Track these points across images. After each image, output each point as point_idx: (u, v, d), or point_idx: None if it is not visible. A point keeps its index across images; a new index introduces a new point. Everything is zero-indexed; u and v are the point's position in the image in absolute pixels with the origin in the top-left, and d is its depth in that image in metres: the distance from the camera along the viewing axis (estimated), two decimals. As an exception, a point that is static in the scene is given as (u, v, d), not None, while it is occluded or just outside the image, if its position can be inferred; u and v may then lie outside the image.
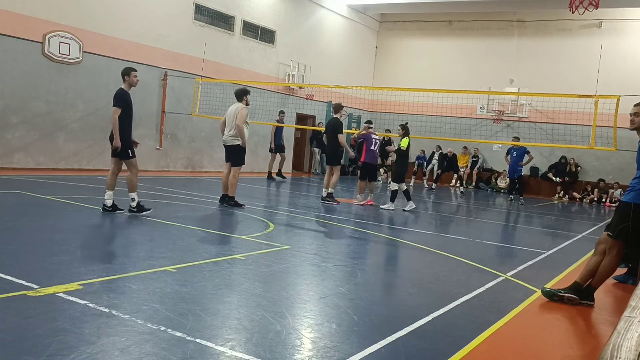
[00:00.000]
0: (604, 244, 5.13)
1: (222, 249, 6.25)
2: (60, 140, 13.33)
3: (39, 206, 8.02)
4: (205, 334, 3.46)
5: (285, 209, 10.49)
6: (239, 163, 9.50)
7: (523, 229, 11.78)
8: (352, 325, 3.94)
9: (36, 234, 6.08)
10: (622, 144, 12.63)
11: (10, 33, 12.19)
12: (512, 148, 16.89)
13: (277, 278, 5.12)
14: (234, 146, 9.50)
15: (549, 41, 21.96)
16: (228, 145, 9.63)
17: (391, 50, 25.48)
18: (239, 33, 18.20)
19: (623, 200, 4.99)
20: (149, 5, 15.15)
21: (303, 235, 7.75)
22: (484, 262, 6.82)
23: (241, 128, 9.31)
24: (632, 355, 1.65)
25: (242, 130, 9.33)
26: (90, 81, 13.89)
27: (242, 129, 9.31)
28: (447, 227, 10.44)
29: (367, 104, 24.36)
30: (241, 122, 9.30)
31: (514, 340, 4.13)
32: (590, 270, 5.12)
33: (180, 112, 16.16)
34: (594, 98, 11.98)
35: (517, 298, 5.18)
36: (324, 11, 22.07)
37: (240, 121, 9.30)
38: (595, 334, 4.66)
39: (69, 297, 3.90)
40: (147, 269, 4.90)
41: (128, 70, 7.84)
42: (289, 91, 20.49)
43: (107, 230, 6.87)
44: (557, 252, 8.29)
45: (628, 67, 19.86)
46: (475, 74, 22.26)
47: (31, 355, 2.91)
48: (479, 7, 22.18)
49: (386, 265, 6.57)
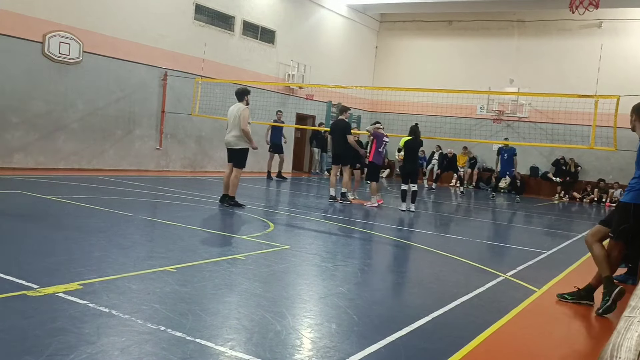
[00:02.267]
0: (596, 235, 5.14)
1: (222, 249, 6.25)
2: (60, 140, 13.33)
3: (39, 206, 8.02)
4: (205, 334, 3.46)
5: (285, 209, 10.48)
6: (242, 165, 9.48)
7: (523, 229, 11.78)
8: (352, 325, 3.94)
9: (36, 234, 6.08)
10: (622, 144, 12.62)
11: (10, 33, 12.18)
12: (502, 149, 16.80)
13: (277, 278, 5.12)
14: (239, 149, 9.45)
15: (549, 41, 21.96)
16: (232, 149, 9.55)
17: (391, 50, 25.49)
18: (239, 33, 18.20)
19: (622, 201, 4.93)
20: (149, 5, 15.15)
21: (303, 235, 7.75)
22: (484, 262, 6.82)
23: (247, 132, 9.25)
24: (632, 355, 1.65)
25: (249, 134, 9.29)
26: (90, 81, 13.89)
27: (248, 132, 9.27)
28: (447, 227, 10.43)
29: (367, 104, 24.36)
30: (246, 126, 9.22)
31: (514, 340, 4.12)
32: (607, 263, 5.03)
33: (180, 112, 16.16)
34: (594, 98, 11.97)
35: (517, 298, 5.18)
36: (324, 11, 22.07)
37: (245, 125, 9.22)
38: (595, 334, 4.66)
39: (69, 297, 3.90)
40: (147, 269, 4.90)
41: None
42: (289, 91, 20.49)
43: (107, 230, 6.86)
44: (557, 252, 8.29)
45: (628, 67, 19.86)
46: (475, 74, 22.26)
47: (31, 355, 2.91)
48: (479, 7, 22.18)
49: (386, 265, 6.57)
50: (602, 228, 5.22)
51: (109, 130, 14.58)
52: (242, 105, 9.43)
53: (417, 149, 11.65)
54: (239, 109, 9.40)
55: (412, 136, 11.36)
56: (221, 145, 18.93)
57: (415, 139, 11.36)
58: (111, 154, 14.70)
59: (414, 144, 11.38)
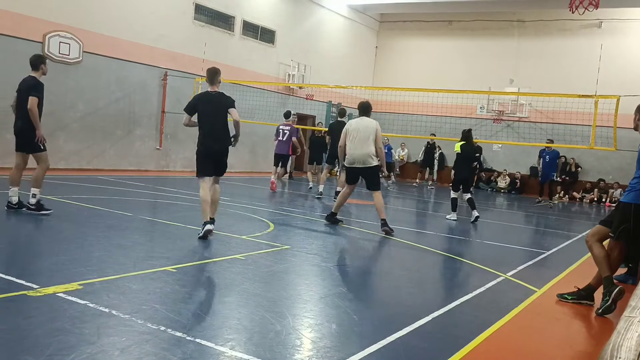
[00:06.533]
0: (596, 235, 5.14)
1: (222, 249, 6.25)
2: (60, 140, 13.32)
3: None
4: (205, 334, 3.46)
5: (285, 209, 10.48)
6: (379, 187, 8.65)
7: (523, 229, 11.78)
8: (352, 325, 3.94)
9: (36, 234, 6.08)
10: (622, 144, 12.63)
11: (10, 33, 12.18)
12: (544, 151, 15.81)
13: (277, 278, 5.12)
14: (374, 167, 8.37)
15: (549, 41, 21.96)
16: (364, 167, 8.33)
17: (391, 50, 25.48)
18: (239, 33, 18.20)
19: (623, 201, 4.91)
20: (149, 5, 15.15)
21: (303, 235, 7.75)
22: (484, 262, 6.82)
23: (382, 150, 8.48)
24: (632, 355, 1.65)
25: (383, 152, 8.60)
26: (90, 81, 13.88)
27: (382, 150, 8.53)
28: (447, 227, 10.42)
29: (367, 104, 24.32)
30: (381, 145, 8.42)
31: (514, 340, 4.12)
32: (607, 263, 5.03)
33: (180, 112, 16.03)
34: (594, 98, 11.99)
35: (517, 298, 5.18)
36: (324, 11, 22.07)
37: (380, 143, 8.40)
38: (595, 334, 4.66)
39: (69, 297, 3.89)
40: (147, 269, 4.90)
41: (43, 59, 7.50)
42: (289, 91, 20.49)
43: (107, 230, 6.86)
44: (557, 252, 8.29)
45: (628, 67, 19.86)
46: (475, 74, 22.26)
47: (31, 355, 2.91)
48: (479, 7, 22.18)
49: (386, 265, 6.57)
50: (602, 228, 5.22)
51: (109, 130, 14.58)
52: (374, 121, 8.39)
53: (472, 155, 11.04)
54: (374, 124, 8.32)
55: (465, 141, 10.84)
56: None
57: (468, 144, 10.82)
58: (111, 154, 14.70)
59: (467, 150, 10.81)
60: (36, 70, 7.35)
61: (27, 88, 7.16)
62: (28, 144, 7.29)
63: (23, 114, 7.24)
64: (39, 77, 7.33)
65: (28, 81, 7.28)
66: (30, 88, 7.12)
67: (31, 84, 7.17)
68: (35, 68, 7.35)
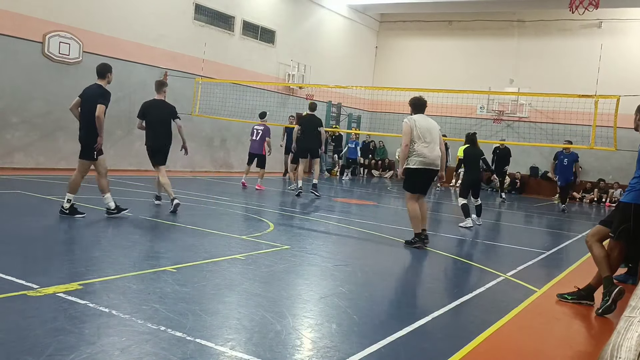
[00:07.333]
0: (596, 235, 5.14)
1: (222, 249, 6.25)
2: (60, 140, 13.32)
3: (39, 206, 8.02)
4: (205, 334, 3.46)
5: (285, 209, 10.48)
6: None
7: (523, 229, 11.78)
8: (352, 325, 3.94)
9: (36, 234, 6.08)
10: (622, 144, 12.62)
11: (10, 33, 12.18)
12: (561, 153, 14.97)
13: (277, 278, 5.12)
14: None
15: (549, 41, 21.97)
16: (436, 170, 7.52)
17: (391, 50, 25.49)
18: (239, 33, 18.20)
19: (623, 201, 4.91)
20: (149, 5, 15.15)
21: (303, 235, 7.75)
22: (484, 262, 6.82)
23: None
24: (632, 355, 1.65)
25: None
26: (90, 81, 13.66)
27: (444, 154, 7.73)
28: (447, 227, 10.42)
29: (367, 104, 24.35)
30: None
31: (514, 340, 4.12)
32: (607, 263, 5.02)
33: (180, 112, 16.05)
34: (594, 98, 11.98)
35: (517, 298, 5.18)
36: (324, 11, 22.07)
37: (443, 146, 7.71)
38: (595, 334, 4.66)
39: (69, 297, 3.89)
40: (147, 269, 4.90)
41: (110, 68, 7.59)
42: (289, 91, 20.49)
43: (107, 230, 6.86)
44: (557, 252, 8.29)
45: (628, 67, 19.86)
46: (475, 74, 22.26)
47: (31, 355, 2.91)
48: (479, 7, 22.18)
49: (386, 265, 6.56)
50: (602, 228, 5.22)
51: (109, 130, 14.46)
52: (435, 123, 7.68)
53: (477, 159, 10.69)
54: (437, 127, 7.63)
55: (469, 144, 10.66)
56: (221, 145, 19.00)
57: (472, 147, 10.60)
58: (111, 154, 14.66)
59: (472, 153, 10.59)
60: (102, 79, 7.48)
61: (94, 96, 7.29)
62: (90, 151, 7.64)
63: (86, 123, 7.42)
64: (105, 85, 7.46)
65: (95, 89, 7.39)
66: (98, 96, 7.27)
67: (99, 92, 7.32)
68: (102, 76, 7.50)
